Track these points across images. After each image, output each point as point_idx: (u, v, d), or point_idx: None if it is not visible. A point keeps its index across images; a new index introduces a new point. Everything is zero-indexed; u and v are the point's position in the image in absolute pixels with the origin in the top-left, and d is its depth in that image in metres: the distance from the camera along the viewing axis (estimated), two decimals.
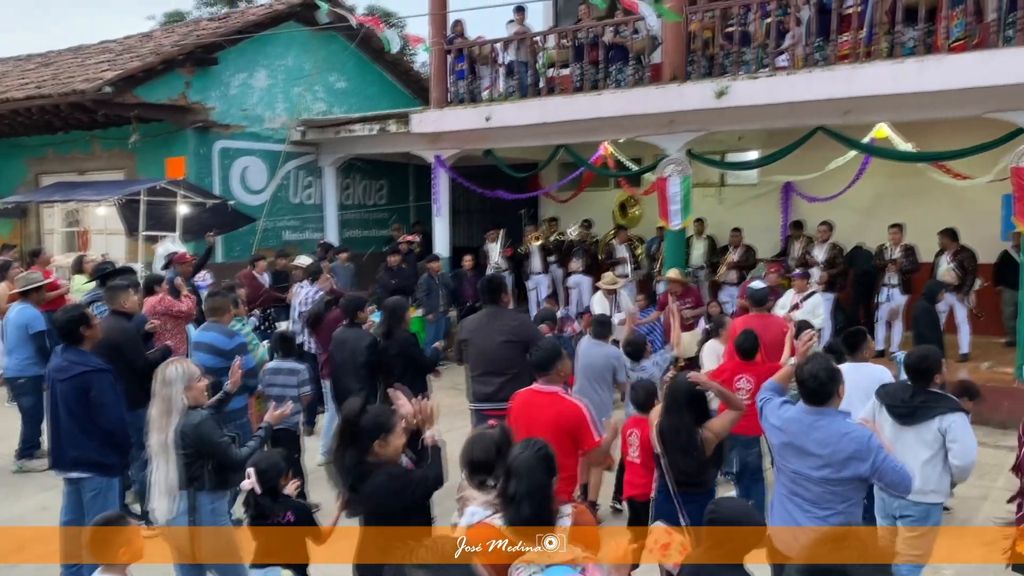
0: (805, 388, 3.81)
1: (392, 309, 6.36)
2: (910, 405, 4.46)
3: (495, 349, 5.65)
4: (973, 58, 8.02)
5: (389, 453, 3.49)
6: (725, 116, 9.77)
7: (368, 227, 15.12)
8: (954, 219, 10.00)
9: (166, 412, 4.17)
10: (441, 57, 12.09)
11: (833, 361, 4.04)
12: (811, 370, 3.79)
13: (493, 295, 5.92)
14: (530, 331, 5.84)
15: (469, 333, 5.89)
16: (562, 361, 4.46)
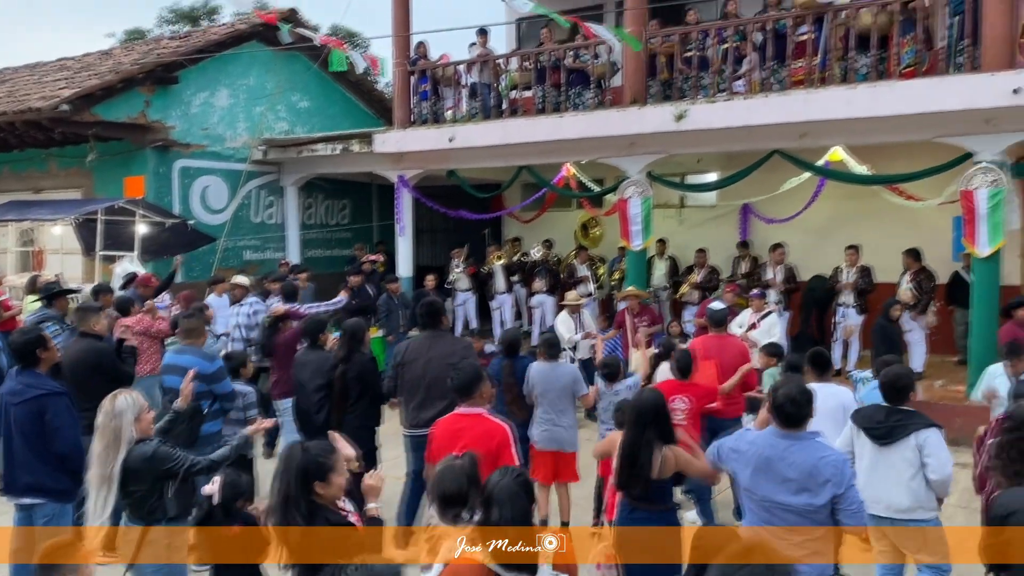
0: (783, 412, 3.75)
1: (352, 332, 6.24)
2: (886, 425, 4.52)
3: (437, 373, 5.59)
4: (923, 84, 8.27)
5: (332, 493, 3.32)
6: (684, 139, 9.93)
7: (330, 247, 15.05)
8: (908, 240, 10.23)
9: (113, 445, 3.98)
10: (404, 78, 12.13)
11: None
12: (787, 393, 3.75)
13: (432, 319, 5.90)
14: (470, 355, 5.81)
15: (408, 357, 5.81)
16: (483, 384, 4.45)
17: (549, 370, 6.29)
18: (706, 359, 6.60)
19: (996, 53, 7.88)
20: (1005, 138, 8.19)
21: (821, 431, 4.08)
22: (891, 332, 8.34)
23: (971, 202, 8.26)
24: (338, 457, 3.39)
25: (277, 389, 6.96)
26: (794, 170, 9.82)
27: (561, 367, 6.38)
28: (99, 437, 4.02)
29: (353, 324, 6.37)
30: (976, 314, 8.54)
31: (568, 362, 7.56)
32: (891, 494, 4.50)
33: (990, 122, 8.14)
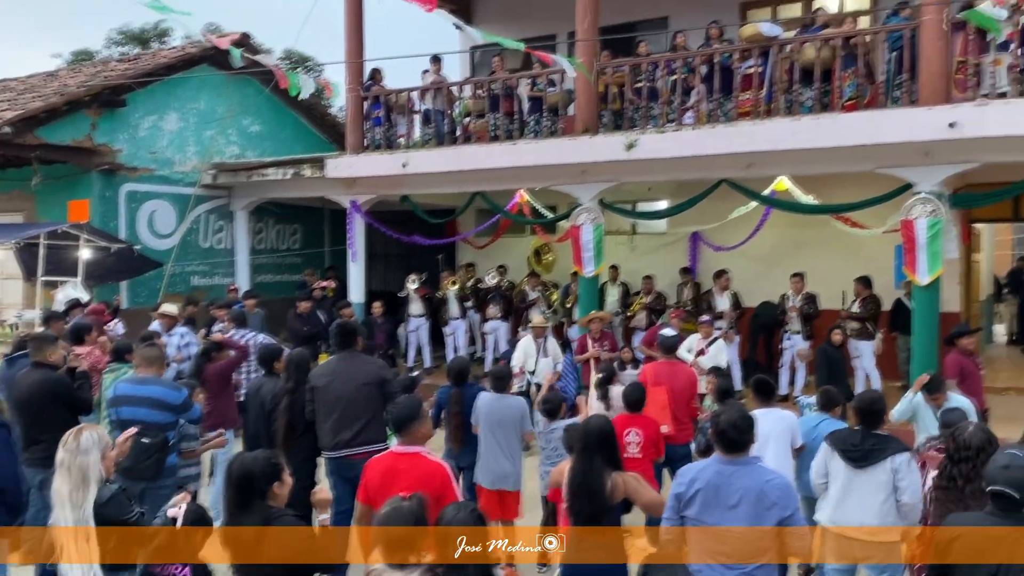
0: (726, 438, 3.78)
1: (297, 362, 6.08)
2: (862, 448, 4.61)
3: (353, 393, 5.52)
4: (864, 117, 8.52)
5: (285, 494, 3.42)
6: (635, 167, 10.07)
7: (281, 272, 14.89)
8: (852, 268, 10.48)
9: (82, 486, 3.69)
10: (357, 103, 12.11)
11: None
12: (729, 419, 3.78)
13: (346, 339, 5.81)
14: (385, 373, 5.76)
15: (322, 379, 5.69)
16: (420, 422, 4.23)
17: (496, 402, 6.11)
18: (657, 385, 6.66)
19: (933, 88, 8.16)
20: (943, 170, 8.47)
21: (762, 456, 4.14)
22: (835, 357, 8.50)
23: (911, 231, 8.50)
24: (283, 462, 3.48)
25: (208, 420, 6.69)
26: (742, 199, 10.01)
27: (509, 400, 6.16)
28: (64, 476, 3.72)
29: (297, 355, 6.24)
30: (917, 340, 8.76)
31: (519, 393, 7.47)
32: (864, 516, 4.58)
33: (928, 154, 8.41)
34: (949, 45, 8.22)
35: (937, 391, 6.02)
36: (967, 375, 7.53)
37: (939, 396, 5.98)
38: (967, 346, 7.58)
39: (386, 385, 5.67)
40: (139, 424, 5.10)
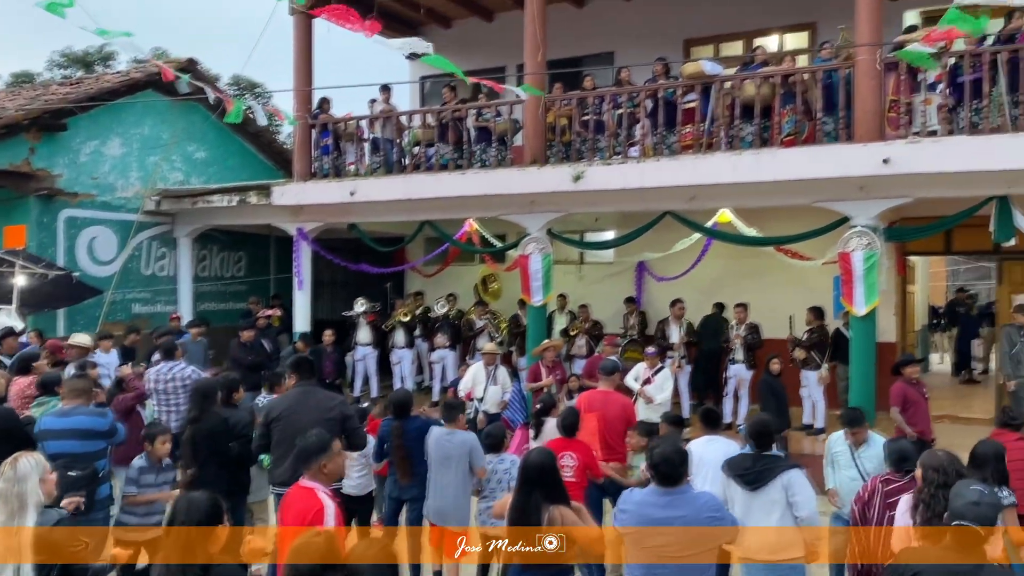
0: (659, 472, 3.87)
1: (203, 391, 5.94)
2: (754, 470, 4.74)
3: (310, 427, 5.26)
4: (802, 152, 8.78)
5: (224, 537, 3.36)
6: (582, 198, 10.21)
7: (225, 300, 14.65)
8: (793, 298, 10.72)
9: (19, 512, 3.61)
10: (305, 131, 12.07)
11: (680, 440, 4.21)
12: (662, 453, 3.87)
13: (306, 372, 5.76)
14: (346, 409, 5.67)
15: (281, 412, 5.58)
16: (326, 456, 4.13)
17: (446, 437, 6.06)
18: (589, 412, 6.69)
19: (867, 126, 8.45)
20: (877, 204, 8.75)
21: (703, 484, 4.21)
22: (775, 386, 8.64)
23: (848, 263, 8.75)
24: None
25: (115, 456, 6.48)
26: (686, 230, 10.20)
27: (458, 435, 6.08)
28: (1, 506, 3.65)
29: (204, 384, 6.13)
30: (854, 369, 8.99)
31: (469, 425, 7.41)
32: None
33: (863, 189, 8.69)
34: (882, 85, 8.53)
35: (857, 425, 5.82)
36: (910, 403, 7.75)
37: (859, 431, 5.80)
38: (911, 375, 7.81)
39: (348, 421, 5.57)
40: (67, 458, 4.97)
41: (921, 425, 7.70)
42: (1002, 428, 5.94)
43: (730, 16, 12.29)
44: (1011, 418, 5.94)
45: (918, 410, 7.73)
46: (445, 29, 14.82)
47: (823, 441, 9.67)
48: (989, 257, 14.17)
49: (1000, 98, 8.12)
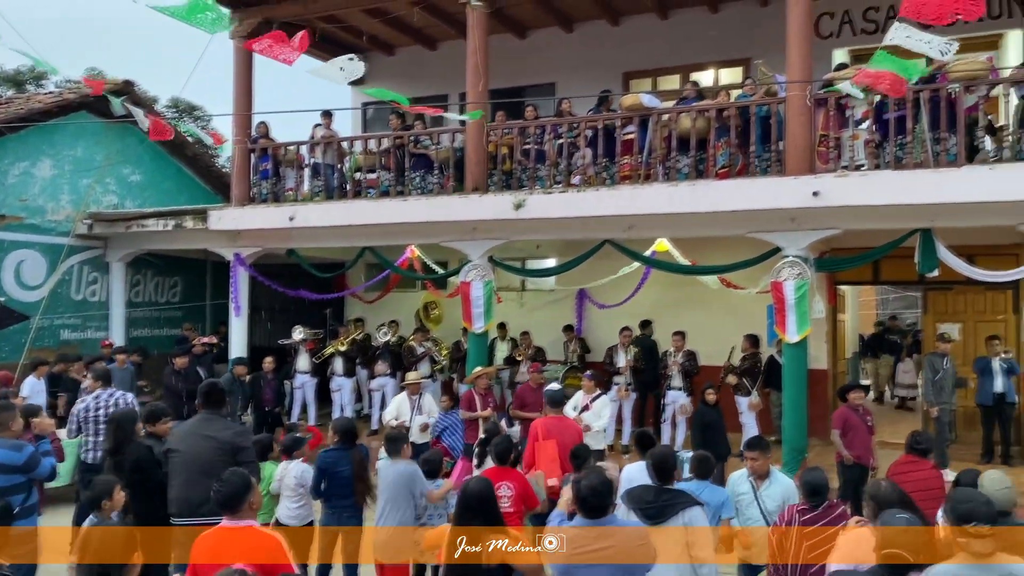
0: (586, 504, 3.86)
1: (118, 422, 5.80)
2: (656, 504, 4.61)
3: (204, 457, 5.27)
4: (736, 185, 9.01)
5: None
6: (524, 226, 10.30)
7: (159, 326, 14.31)
8: (729, 326, 10.94)
9: None
10: (244, 155, 11.95)
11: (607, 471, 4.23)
12: (589, 484, 3.86)
13: (210, 401, 5.58)
14: (240, 440, 5.48)
15: (177, 442, 5.43)
16: (251, 493, 4.10)
17: (388, 468, 6.10)
18: (547, 438, 6.74)
19: (798, 159, 8.73)
20: (808, 235, 9.02)
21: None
22: (707, 417, 8.74)
23: (781, 292, 8.98)
24: None
25: None
26: (625, 258, 10.35)
27: (399, 466, 6.10)
28: None
29: (120, 414, 5.98)
30: (787, 396, 9.19)
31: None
32: (666, 572, 4.56)
33: (795, 220, 8.95)
34: (812, 120, 8.83)
35: (754, 449, 5.64)
36: (850, 428, 7.98)
37: (756, 457, 5.57)
38: (854, 400, 8.03)
39: (241, 453, 5.36)
40: None
41: (859, 450, 7.90)
42: (910, 454, 6.11)
43: (667, 51, 12.61)
44: (917, 444, 6.11)
45: (857, 435, 7.93)
46: (388, 56, 14.87)
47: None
48: (915, 287, 14.69)
49: (923, 135, 8.48)
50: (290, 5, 11.78)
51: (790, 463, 8.93)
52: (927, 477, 5.87)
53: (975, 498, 3.44)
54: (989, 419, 10.10)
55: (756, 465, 5.51)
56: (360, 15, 12.44)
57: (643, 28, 12.88)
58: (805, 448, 9.07)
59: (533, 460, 6.71)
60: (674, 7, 12.56)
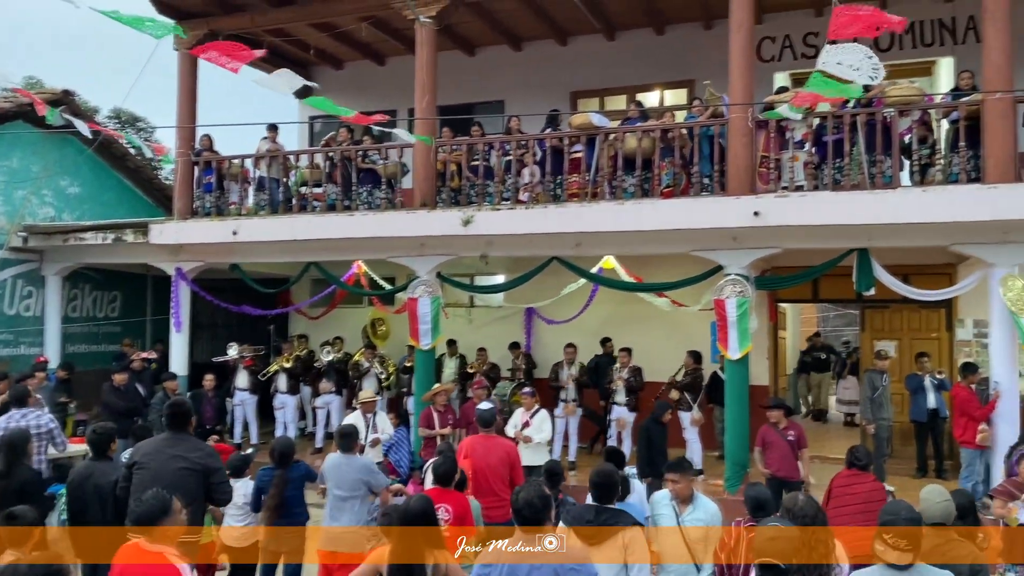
0: (521, 517, 3.85)
1: (9, 443, 5.65)
2: (595, 524, 4.54)
3: (172, 476, 5.18)
4: (680, 204, 9.16)
5: None
6: (472, 242, 10.30)
7: (97, 342, 13.91)
8: (674, 343, 11.08)
9: None
10: (187, 168, 11.76)
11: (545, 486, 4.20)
12: (526, 498, 3.84)
13: (177, 420, 5.50)
14: (212, 462, 5.43)
15: (143, 457, 5.37)
16: (171, 518, 3.99)
17: (343, 462, 6.11)
18: (465, 459, 6.67)
19: (739, 180, 8.91)
20: (749, 254, 9.20)
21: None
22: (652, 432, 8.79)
23: (723, 310, 9.13)
24: None
25: None
26: (573, 275, 10.42)
27: (357, 460, 6.18)
28: None
29: (11, 435, 5.83)
30: (729, 411, 9.32)
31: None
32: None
33: (736, 239, 9.13)
34: (753, 142, 9.03)
35: (674, 471, 5.29)
36: (769, 444, 8.12)
37: (678, 480, 5.23)
38: (770, 418, 8.17)
39: (213, 475, 5.33)
40: None
41: (775, 466, 8.05)
42: (851, 468, 6.27)
43: (614, 72, 12.80)
44: (856, 459, 6.28)
45: (775, 452, 8.08)
46: (336, 70, 14.81)
47: (703, 481, 10.02)
48: (854, 305, 15.05)
49: (860, 157, 8.74)
50: (236, 17, 11.68)
51: (732, 478, 9.07)
52: (870, 490, 6.03)
53: (898, 510, 3.61)
54: (923, 435, 10.40)
55: (678, 488, 5.20)
56: (308, 29, 12.38)
57: (590, 49, 13.06)
58: (747, 463, 9.20)
59: None
60: (620, 28, 12.77)
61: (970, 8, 10.71)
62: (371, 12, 11.38)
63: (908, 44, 11.59)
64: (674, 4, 11.84)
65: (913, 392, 10.32)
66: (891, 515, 3.60)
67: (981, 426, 8.51)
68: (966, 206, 8.03)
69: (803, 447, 8.05)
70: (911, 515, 3.62)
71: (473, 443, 6.83)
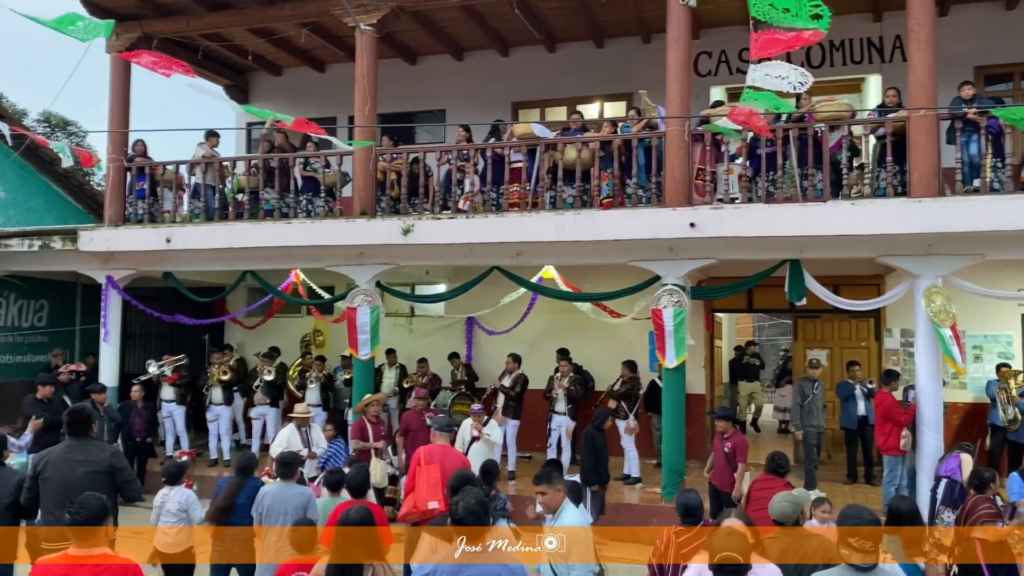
0: (463, 525, 3.86)
1: None
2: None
3: (81, 481, 5.18)
4: (618, 215, 9.25)
5: None
6: (412, 251, 10.25)
7: (22, 352, 13.41)
8: (614, 352, 11.19)
9: None
10: (119, 174, 11.46)
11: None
12: (466, 506, 3.87)
13: (77, 427, 5.50)
14: (117, 461, 5.50)
15: (50, 467, 5.37)
16: (107, 519, 4.00)
17: (282, 490, 6.01)
18: (430, 464, 6.67)
19: (676, 191, 9.05)
20: (686, 264, 9.34)
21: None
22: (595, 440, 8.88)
23: (660, 319, 9.25)
24: None
25: None
26: (513, 285, 10.46)
27: (295, 488, 6.08)
28: None
29: None
30: (666, 419, 9.43)
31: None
32: None
33: (673, 250, 9.27)
34: (689, 155, 9.19)
35: (541, 483, 4.94)
36: (713, 454, 8.24)
37: (546, 491, 4.90)
38: (717, 427, 8.32)
39: (119, 474, 5.42)
40: None
41: (712, 474, 8.20)
42: (768, 473, 6.45)
43: (555, 83, 12.91)
44: (779, 466, 6.43)
45: (714, 462, 8.25)
46: (275, 76, 14.62)
47: (640, 489, 10.13)
48: (787, 315, 15.40)
49: (792, 171, 8.96)
50: (171, 21, 11.45)
51: (669, 486, 9.17)
52: None
53: (861, 513, 3.76)
54: (852, 441, 10.68)
55: (545, 500, 4.93)
56: (245, 34, 12.20)
57: (532, 60, 13.15)
58: (684, 470, 9.32)
59: (413, 485, 6.65)
60: (562, 41, 12.88)
61: (897, 28, 11.09)
62: (311, 18, 11.27)
63: (839, 61, 11.95)
64: (614, 18, 11.99)
65: (844, 400, 10.60)
66: (855, 518, 3.72)
67: (904, 431, 8.77)
68: (892, 219, 8.29)
69: (740, 460, 8.00)
70: (873, 517, 3.75)
71: (431, 449, 6.82)
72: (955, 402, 10.67)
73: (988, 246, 8.45)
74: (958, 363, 8.47)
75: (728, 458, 8.03)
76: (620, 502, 9.49)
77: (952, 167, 8.76)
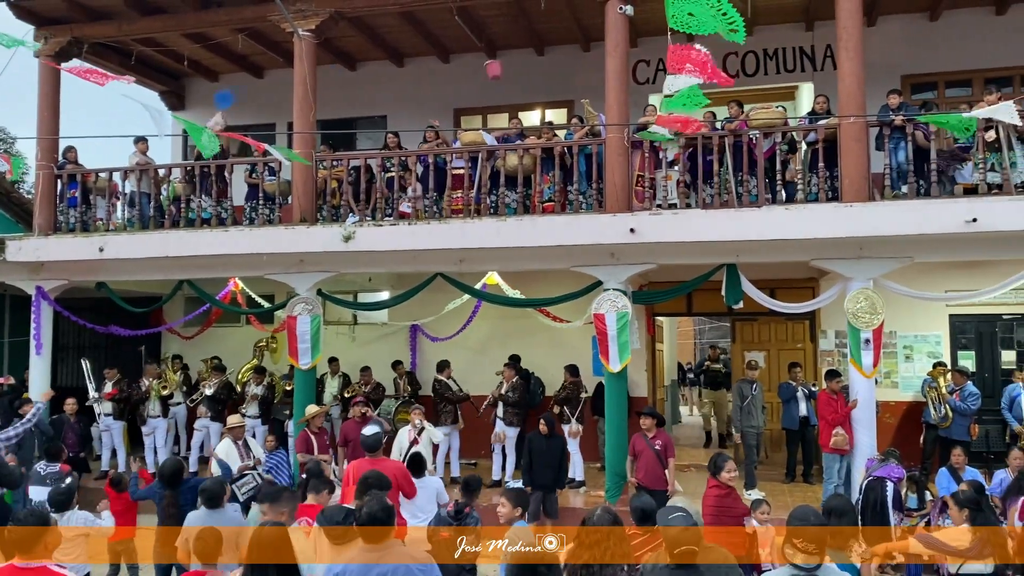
0: (359, 526, 3.98)
1: None
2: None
3: None
4: (560, 221, 9.32)
5: None
6: (354, 259, 10.16)
7: None
8: (558, 357, 11.23)
9: None
10: (49, 181, 11.12)
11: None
12: (369, 512, 3.95)
13: None
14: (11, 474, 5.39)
15: None
16: (49, 534, 3.92)
17: (209, 517, 5.75)
18: (354, 484, 6.57)
19: (616, 198, 9.15)
20: (627, 269, 9.45)
21: None
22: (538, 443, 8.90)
23: (603, 324, 9.34)
24: None
25: None
26: (456, 292, 10.44)
27: (224, 513, 5.83)
28: None
29: None
30: (609, 422, 9.51)
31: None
32: None
33: (614, 255, 9.37)
34: (629, 162, 9.31)
35: (467, 493, 5.63)
36: (639, 454, 8.40)
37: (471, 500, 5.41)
38: (641, 425, 8.43)
39: None
40: None
41: (640, 475, 8.31)
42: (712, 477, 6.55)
43: (496, 90, 12.90)
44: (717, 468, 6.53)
45: (642, 461, 8.35)
46: (212, 82, 14.36)
47: (584, 493, 10.19)
48: (726, 318, 15.68)
49: (727, 177, 9.15)
50: (102, 25, 11.18)
51: (612, 488, 9.25)
52: (717, 495, 6.32)
53: (807, 515, 3.83)
54: (793, 441, 10.91)
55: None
56: (180, 39, 11.95)
57: (473, 67, 13.13)
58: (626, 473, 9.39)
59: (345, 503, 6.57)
60: (502, 48, 12.93)
61: (828, 37, 11.40)
62: (248, 24, 11.11)
63: (772, 70, 12.23)
64: (553, 26, 12.09)
65: (785, 401, 10.83)
66: (801, 520, 3.79)
67: (836, 429, 8.94)
68: (825, 223, 8.52)
69: (670, 456, 8.26)
70: (819, 519, 3.83)
71: (359, 466, 6.71)
72: (888, 401, 10.97)
73: (916, 249, 8.74)
74: (863, 367, 8.73)
75: (659, 456, 8.16)
76: (565, 506, 9.49)
77: (880, 173, 9.03)
